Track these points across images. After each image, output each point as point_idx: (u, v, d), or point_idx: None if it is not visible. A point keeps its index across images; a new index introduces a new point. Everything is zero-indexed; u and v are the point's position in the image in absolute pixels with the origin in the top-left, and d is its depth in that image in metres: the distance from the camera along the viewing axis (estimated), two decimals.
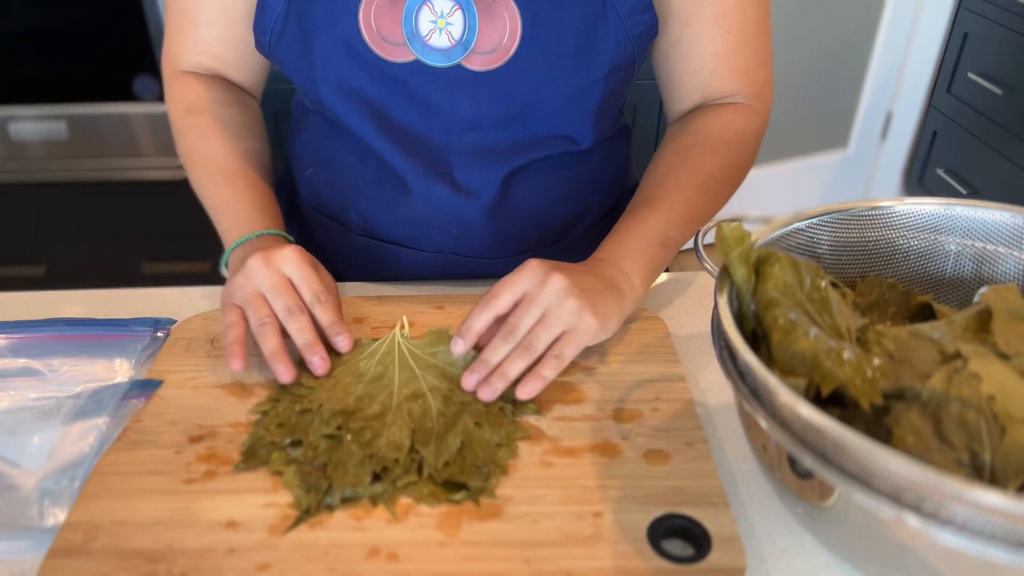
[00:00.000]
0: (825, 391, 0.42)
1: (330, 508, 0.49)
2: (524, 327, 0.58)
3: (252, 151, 0.75)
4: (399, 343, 0.62)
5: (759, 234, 0.52)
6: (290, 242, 0.69)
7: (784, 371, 0.44)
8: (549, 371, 0.57)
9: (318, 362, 0.58)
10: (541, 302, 0.58)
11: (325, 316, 0.61)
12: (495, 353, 0.57)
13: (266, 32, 0.68)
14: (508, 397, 0.57)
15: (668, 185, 0.69)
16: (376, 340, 0.62)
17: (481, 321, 0.59)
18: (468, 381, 0.57)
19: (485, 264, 0.76)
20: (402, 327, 0.64)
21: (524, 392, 0.57)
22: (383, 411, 0.55)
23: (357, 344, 0.62)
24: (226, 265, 0.68)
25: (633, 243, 0.66)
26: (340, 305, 0.65)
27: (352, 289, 0.73)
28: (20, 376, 0.61)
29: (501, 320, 0.60)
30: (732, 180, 0.73)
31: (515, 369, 0.57)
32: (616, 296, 0.61)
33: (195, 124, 0.74)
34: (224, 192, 0.71)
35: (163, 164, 1.71)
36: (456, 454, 0.52)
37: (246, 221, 0.68)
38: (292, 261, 0.61)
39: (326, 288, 0.62)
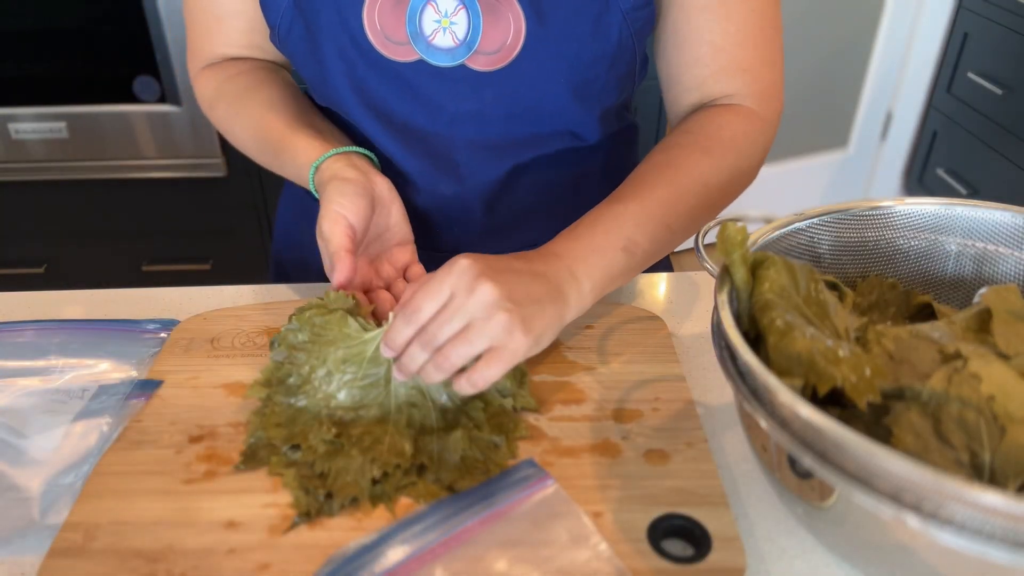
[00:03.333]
0: (821, 391, 0.42)
1: (330, 514, 0.49)
2: (443, 338, 0.51)
3: (275, 100, 0.73)
4: None
5: (759, 234, 0.52)
6: (367, 156, 0.69)
7: (780, 373, 0.44)
8: (468, 389, 0.52)
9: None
10: (466, 312, 0.51)
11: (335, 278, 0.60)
12: (412, 361, 0.53)
13: (274, 30, 0.68)
14: (507, 392, 0.57)
15: (647, 184, 0.63)
16: (374, 326, 0.59)
17: (403, 336, 0.53)
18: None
19: None
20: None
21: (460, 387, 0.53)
22: (382, 415, 0.55)
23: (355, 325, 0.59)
24: (315, 186, 0.67)
25: (594, 240, 0.59)
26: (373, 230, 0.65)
27: None
28: (25, 375, 0.61)
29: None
30: (725, 187, 0.66)
31: (433, 379, 0.53)
32: (558, 306, 0.55)
33: (217, 116, 0.76)
34: (276, 152, 0.70)
35: (163, 164, 1.71)
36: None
37: (306, 151, 0.67)
38: (322, 235, 0.61)
39: (350, 227, 0.61)
